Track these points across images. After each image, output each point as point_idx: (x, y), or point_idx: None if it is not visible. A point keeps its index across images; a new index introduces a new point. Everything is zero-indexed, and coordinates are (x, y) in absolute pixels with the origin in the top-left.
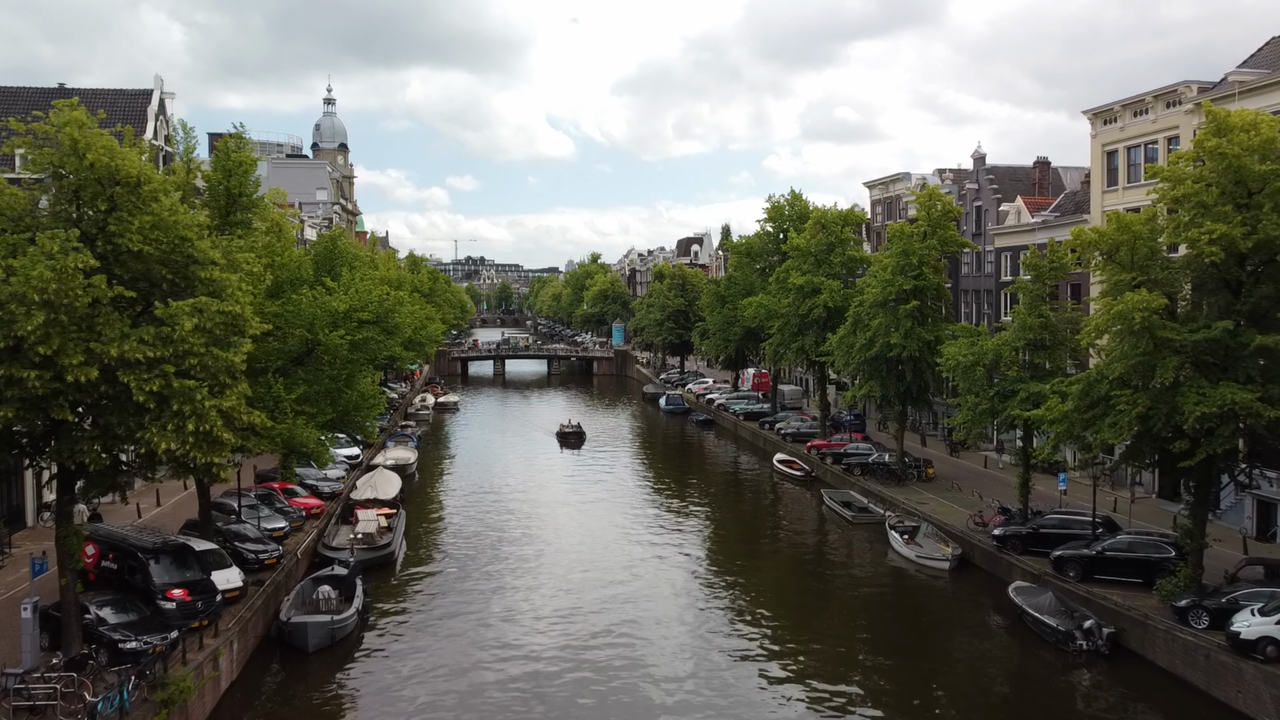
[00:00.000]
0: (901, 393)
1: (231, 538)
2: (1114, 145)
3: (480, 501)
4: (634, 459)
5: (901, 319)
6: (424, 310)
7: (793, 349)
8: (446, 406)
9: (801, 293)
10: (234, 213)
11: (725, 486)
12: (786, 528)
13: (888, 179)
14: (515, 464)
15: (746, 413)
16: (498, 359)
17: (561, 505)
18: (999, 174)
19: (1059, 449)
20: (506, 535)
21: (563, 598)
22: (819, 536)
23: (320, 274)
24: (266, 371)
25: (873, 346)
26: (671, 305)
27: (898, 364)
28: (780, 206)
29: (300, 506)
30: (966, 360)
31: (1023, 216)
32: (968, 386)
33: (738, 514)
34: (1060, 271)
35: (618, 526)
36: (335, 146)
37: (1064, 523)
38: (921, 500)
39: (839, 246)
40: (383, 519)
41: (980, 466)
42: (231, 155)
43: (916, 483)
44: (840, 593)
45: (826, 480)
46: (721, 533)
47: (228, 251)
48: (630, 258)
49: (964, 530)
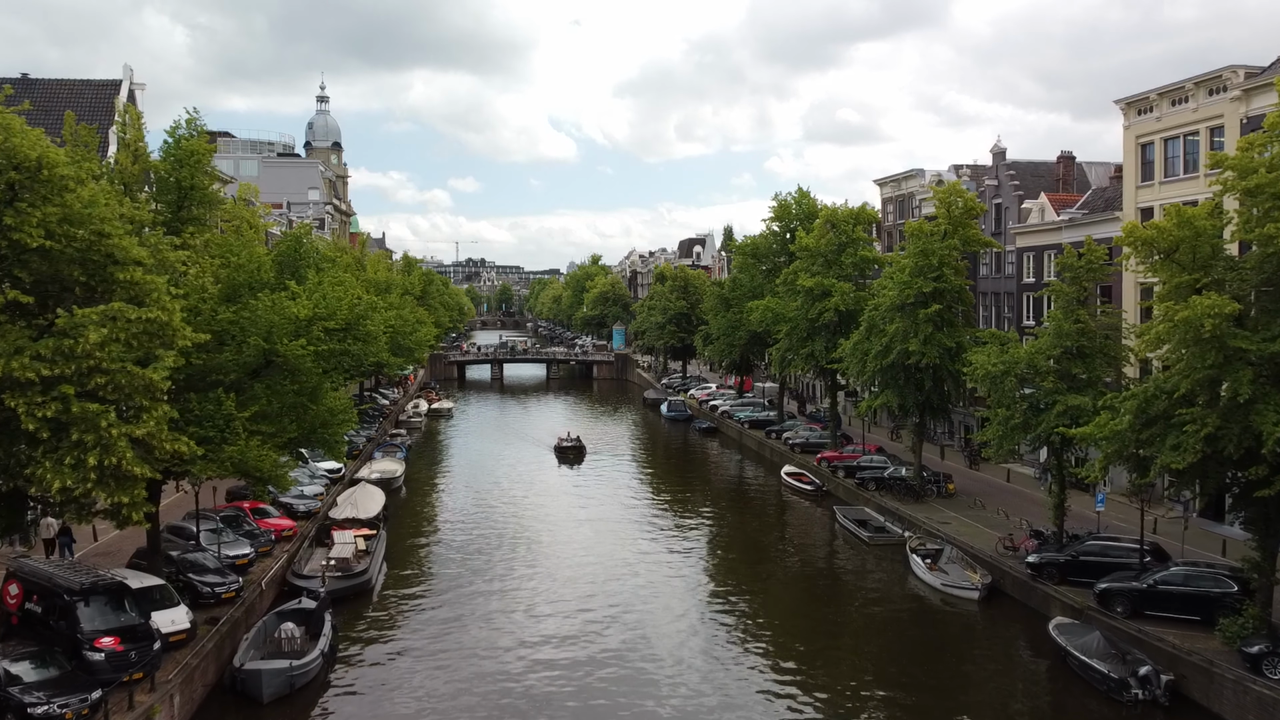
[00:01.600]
0: (920, 403)
1: (186, 568)
2: (1149, 137)
3: (470, 520)
4: (635, 475)
5: (921, 324)
6: (414, 314)
7: (801, 355)
8: (440, 413)
9: (811, 295)
10: (186, 208)
11: (730, 501)
12: (796, 548)
13: (899, 176)
14: (509, 479)
15: (752, 420)
16: (495, 363)
17: (557, 525)
18: (1020, 170)
19: (1106, 469)
20: (496, 559)
21: (553, 625)
22: (832, 558)
23: (284, 276)
24: (216, 387)
25: (889, 354)
26: (673, 308)
27: (916, 372)
28: (787, 205)
29: (271, 528)
30: (996, 370)
31: (1047, 214)
32: (998, 398)
33: (744, 533)
34: (1098, 273)
35: (616, 549)
36: (328, 145)
37: (1106, 549)
38: (943, 519)
39: (850, 246)
40: (361, 541)
41: (1003, 480)
42: (182, 143)
43: (936, 499)
44: (856, 622)
45: (839, 495)
46: (727, 554)
47: (157, 250)
48: (631, 259)
49: (993, 555)
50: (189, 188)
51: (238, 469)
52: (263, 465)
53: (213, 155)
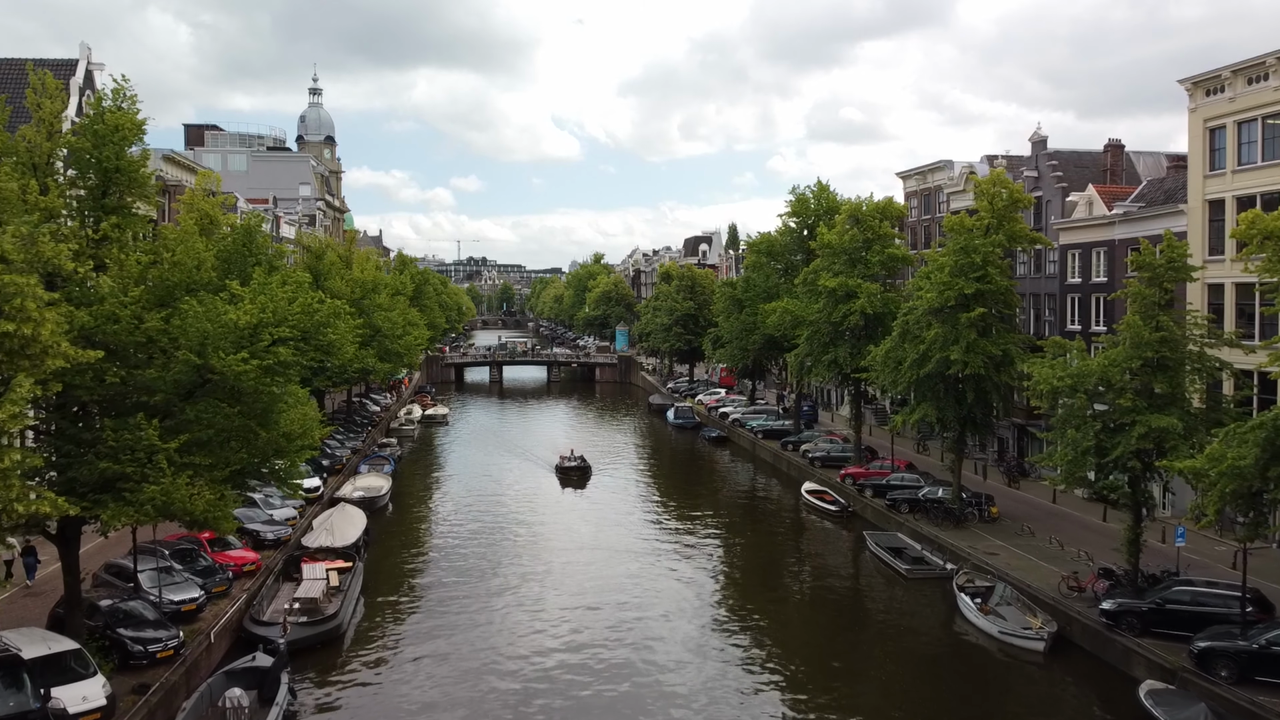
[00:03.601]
0: (961, 417)
1: (116, 621)
2: (1220, 120)
3: (461, 545)
4: (643, 496)
5: (963, 330)
6: (404, 316)
7: (823, 362)
8: (435, 420)
9: (834, 297)
10: (112, 194)
11: (745, 522)
12: (820, 578)
13: (925, 168)
14: (507, 501)
15: (766, 430)
16: (494, 365)
17: (557, 553)
18: (1062, 160)
19: (1221, 509)
20: (488, 596)
21: (546, 680)
22: (864, 593)
23: (229, 276)
24: (139, 410)
25: (927, 362)
26: (680, 309)
27: (957, 383)
28: (805, 199)
29: (230, 562)
30: (1064, 384)
31: (1096, 208)
32: (1064, 417)
33: (761, 559)
34: (1182, 272)
35: (623, 585)
36: (321, 139)
37: (1198, 597)
38: (990, 549)
39: (876, 244)
40: (334, 575)
41: (1048, 502)
42: (106, 117)
43: (978, 524)
44: (895, 672)
45: (866, 517)
46: (742, 585)
47: (30, 241)
48: (635, 258)
49: (1055, 596)
50: (113, 170)
51: (161, 512)
52: (193, 507)
53: (142, 132)
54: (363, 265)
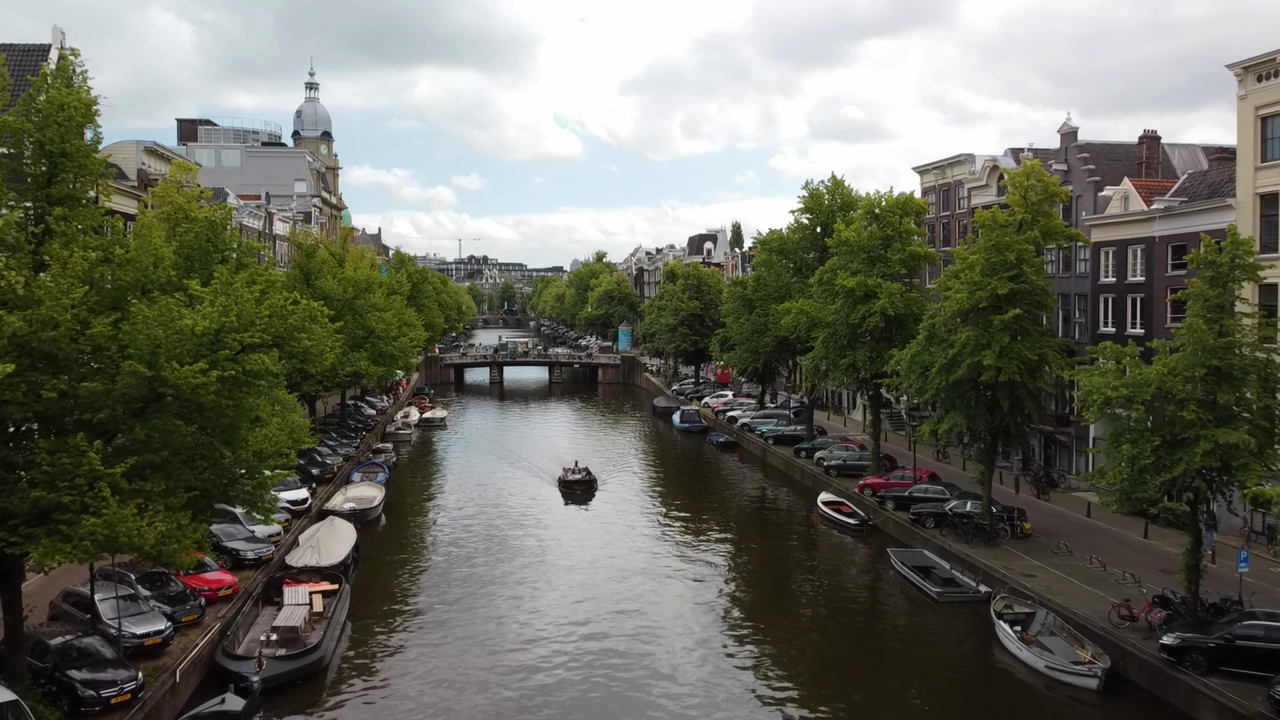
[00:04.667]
0: (993, 426)
1: (67, 661)
2: (1274, 108)
3: (458, 559)
4: (648, 507)
5: (995, 333)
6: (399, 316)
7: (840, 366)
8: (433, 423)
9: (852, 297)
10: (57, 182)
11: (757, 535)
12: (841, 599)
13: (944, 162)
14: (505, 512)
15: (776, 435)
16: (494, 366)
17: (558, 574)
18: (1094, 152)
19: None
20: (482, 621)
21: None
22: (888, 619)
23: (189, 274)
24: (80, 429)
25: (956, 368)
26: (685, 308)
27: (989, 390)
28: (819, 194)
29: (204, 586)
30: (1118, 395)
31: (1132, 203)
32: (1119, 431)
33: (773, 580)
34: (1249, 271)
35: (625, 602)
36: (318, 135)
37: (1273, 632)
38: (1026, 569)
39: (897, 241)
40: (318, 599)
41: (1081, 515)
42: (50, 93)
43: (1010, 540)
44: (929, 712)
45: (888, 531)
46: (753, 611)
47: None
48: (638, 256)
49: (1105, 626)
50: (58, 154)
51: (104, 547)
52: (143, 540)
53: (93, 114)
54: (357, 263)
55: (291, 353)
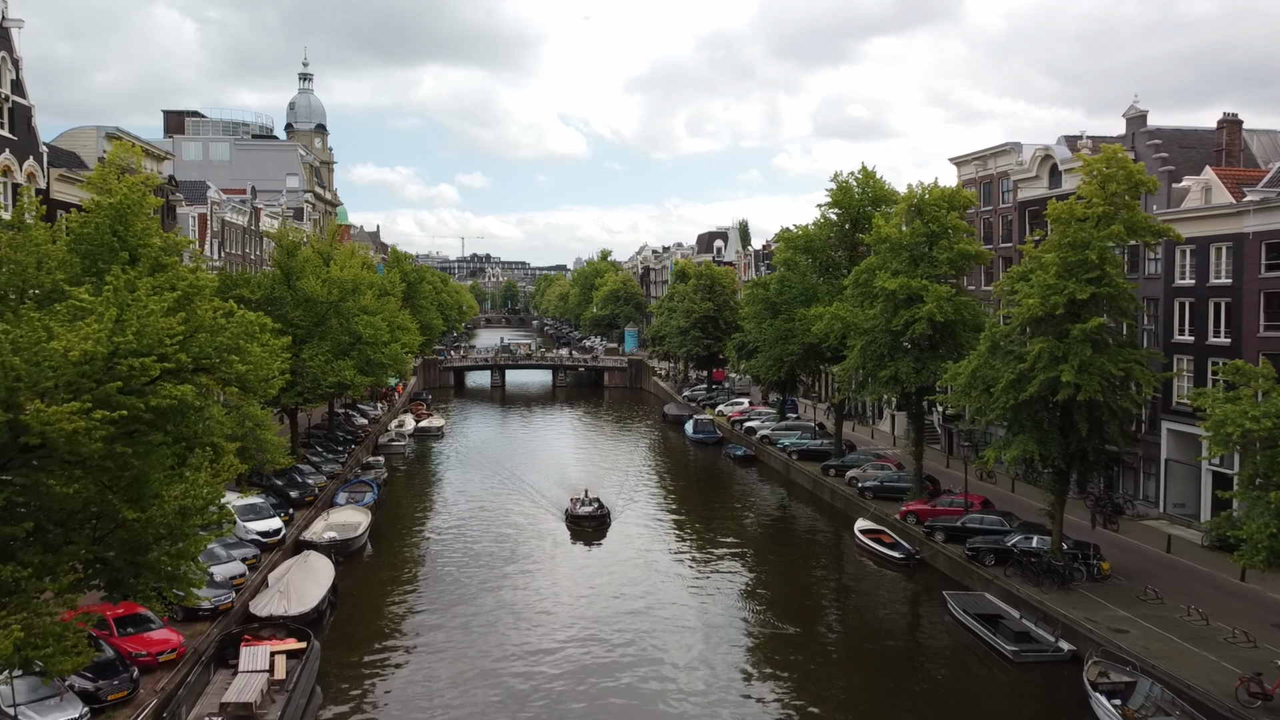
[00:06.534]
0: (1071, 453)
1: None
2: None
3: (446, 607)
4: (663, 535)
5: (1076, 345)
6: (392, 318)
7: (880, 378)
8: (429, 432)
9: (893, 301)
10: None
11: (785, 570)
12: (891, 657)
13: (986, 152)
14: (505, 546)
15: (801, 450)
16: (496, 369)
17: (564, 628)
18: (1166, 139)
19: None
20: (478, 685)
21: None
22: (953, 680)
23: (87, 275)
24: None
25: (1027, 385)
26: (698, 310)
27: (1064, 410)
28: (848, 187)
29: (141, 650)
30: (1259, 429)
31: (1216, 195)
32: (1262, 471)
33: (807, 625)
34: None
35: (635, 666)
36: (312, 128)
37: None
38: (1113, 621)
39: (943, 238)
40: (281, 661)
41: (1160, 550)
42: None
43: (1085, 583)
44: None
45: (937, 566)
46: (787, 666)
47: None
48: (644, 255)
49: (1230, 705)
50: None
51: None
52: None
53: None
54: (346, 262)
55: (224, 379)
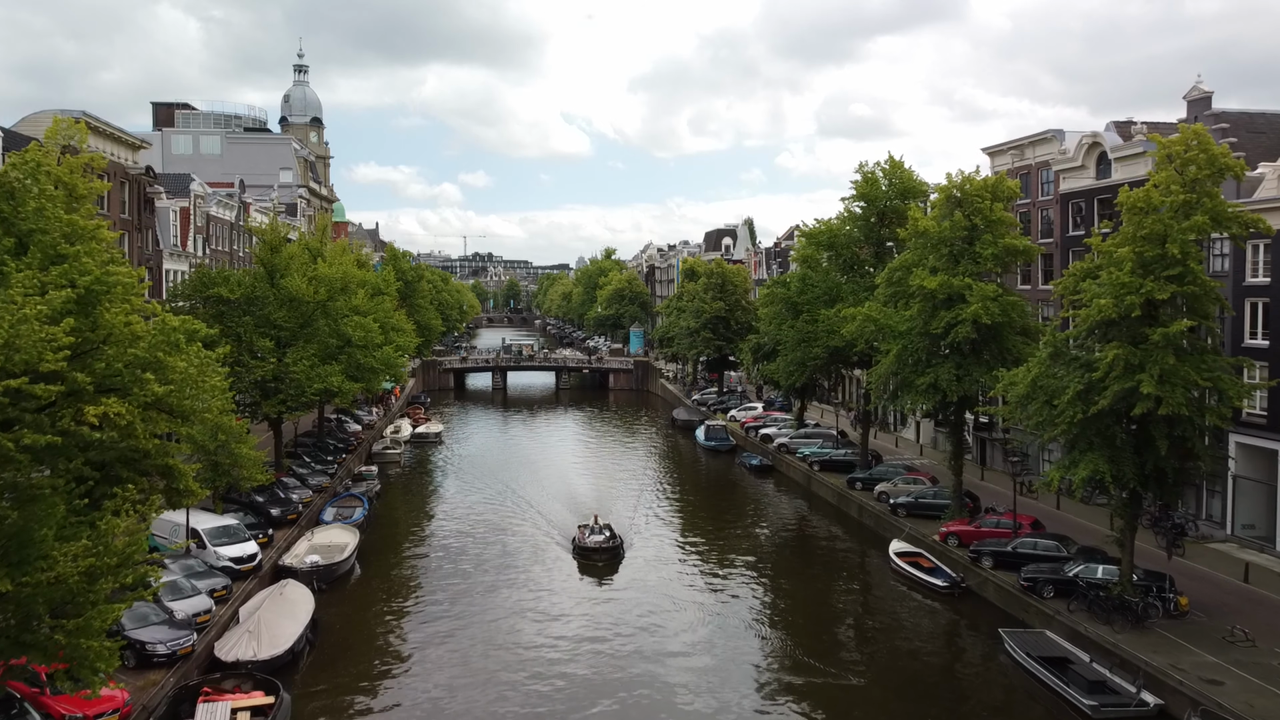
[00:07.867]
0: (1145, 473)
1: None
2: None
3: (439, 643)
4: (679, 561)
5: (1156, 351)
6: (385, 319)
7: (918, 386)
8: (426, 439)
9: (932, 301)
10: None
11: (813, 597)
12: (940, 698)
13: (1024, 140)
14: (505, 575)
15: (823, 460)
16: (497, 370)
17: (574, 675)
18: (1234, 123)
19: None
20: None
21: None
22: None
23: None
24: None
25: (1099, 397)
26: (709, 310)
27: (1140, 424)
28: (874, 179)
29: (76, 713)
30: None
31: None
32: None
33: (842, 663)
34: None
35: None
36: (307, 121)
37: None
38: (1201, 668)
39: (987, 232)
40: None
41: (1237, 580)
42: None
43: (1161, 620)
44: None
45: (986, 596)
46: (826, 702)
47: None
48: (649, 253)
49: None
50: None
51: None
52: None
53: None
54: (337, 259)
55: (140, 403)
